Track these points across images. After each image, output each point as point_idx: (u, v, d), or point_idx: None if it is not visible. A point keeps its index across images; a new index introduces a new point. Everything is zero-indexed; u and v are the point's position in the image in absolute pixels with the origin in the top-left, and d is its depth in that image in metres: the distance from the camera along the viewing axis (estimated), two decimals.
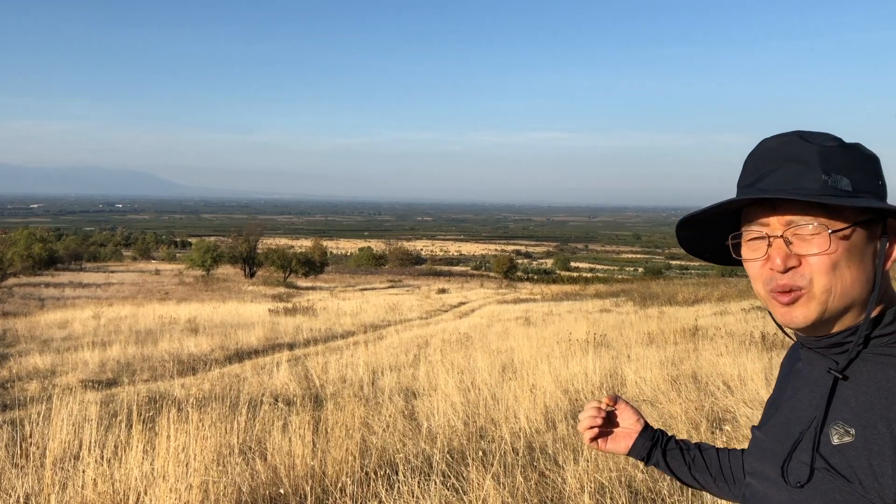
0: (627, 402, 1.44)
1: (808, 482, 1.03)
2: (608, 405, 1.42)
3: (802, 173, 1.04)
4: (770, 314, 1.13)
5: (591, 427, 1.40)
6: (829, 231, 1.02)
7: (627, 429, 1.43)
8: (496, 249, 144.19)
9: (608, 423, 1.43)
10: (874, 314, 1.05)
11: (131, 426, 4.65)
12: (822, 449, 1.02)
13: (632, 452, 1.42)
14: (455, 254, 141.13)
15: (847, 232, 1.02)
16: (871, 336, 1.04)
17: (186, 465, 3.95)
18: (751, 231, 1.10)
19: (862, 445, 0.98)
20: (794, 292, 1.04)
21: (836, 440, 1.01)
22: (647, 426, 1.43)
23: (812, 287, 1.03)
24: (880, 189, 1.07)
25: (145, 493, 3.73)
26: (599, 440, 1.43)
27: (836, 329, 1.07)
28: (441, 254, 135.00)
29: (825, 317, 1.04)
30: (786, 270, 1.04)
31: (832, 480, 0.99)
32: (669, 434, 1.44)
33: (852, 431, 1.00)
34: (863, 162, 1.06)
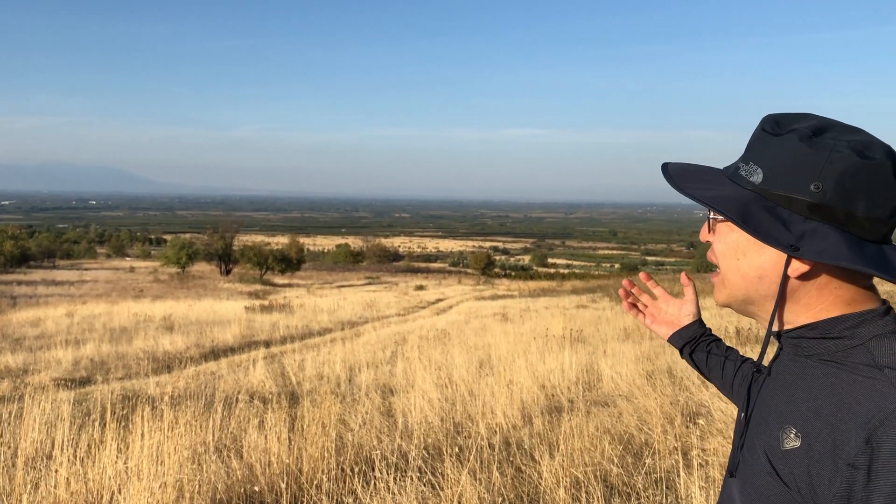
0: (680, 297, 1.57)
1: (737, 470, 1.06)
2: (643, 279, 1.60)
3: (739, 156, 1.03)
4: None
5: (627, 295, 1.58)
6: (711, 218, 1.05)
7: (673, 317, 1.55)
8: (474, 246, 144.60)
9: (654, 305, 1.59)
10: (832, 315, 0.97)
11: (105, 425, 4.59)
12: (771, 454, 0.98)
13: (670, 340, 1.54)
14: (433, 250, 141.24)
15: (731, 224, 1.01)
16: (831, 336, 0.97)
17: (161, 464, 3.92)
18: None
19: (804, 452, 0.93)
20: (717, 273, 1.07)
21: (786, 445, 0.97)
22: (695, 322, 1.52)
23: (721, 271, 1.06)
24: (812, 194, 0.92)
25: (119, 492, 3.70)
26: (641, 315, 1.58)
27: (766, 321, 1.05)
28: (419, 250, 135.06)
29: (732, 303, 1.06)
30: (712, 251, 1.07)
31: (775, 486, 0.96)
32: (714, 338, 1.52)
33: (800, 436, 0.95)
34: (804, 159, 0.93)
